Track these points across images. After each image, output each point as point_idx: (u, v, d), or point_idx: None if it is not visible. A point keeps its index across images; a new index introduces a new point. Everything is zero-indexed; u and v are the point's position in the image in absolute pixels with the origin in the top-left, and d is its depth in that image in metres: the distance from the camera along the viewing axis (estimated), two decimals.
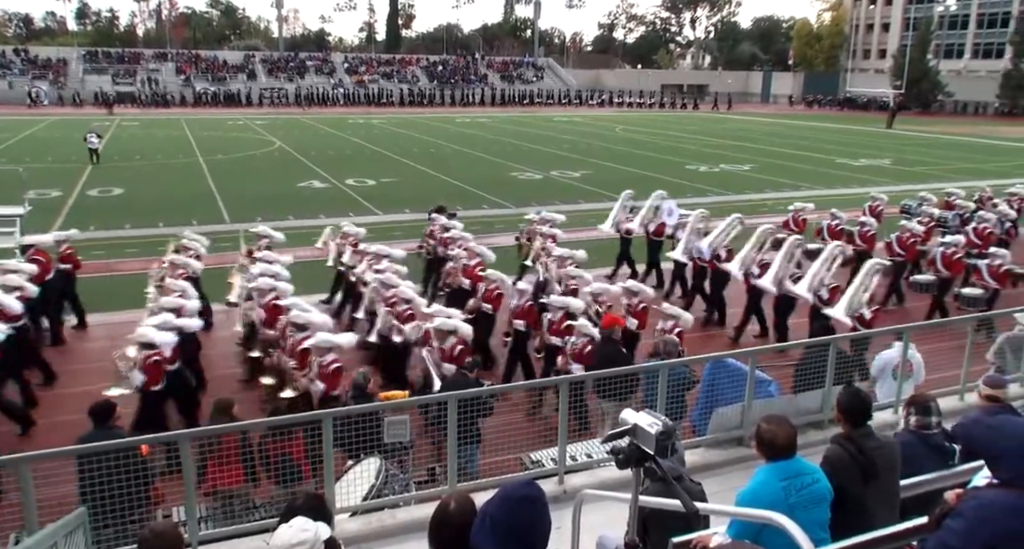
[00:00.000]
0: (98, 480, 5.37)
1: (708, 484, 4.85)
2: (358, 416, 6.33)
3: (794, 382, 7.91)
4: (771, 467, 4.06)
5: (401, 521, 6.10)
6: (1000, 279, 13.01)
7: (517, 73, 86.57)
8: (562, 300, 10.13)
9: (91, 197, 24.67)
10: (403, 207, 23.06)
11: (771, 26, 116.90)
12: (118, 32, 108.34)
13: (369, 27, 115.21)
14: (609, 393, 7.44)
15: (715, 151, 40.30)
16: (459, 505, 3.27)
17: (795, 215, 16.95)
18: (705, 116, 69.93)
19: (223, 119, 54.97)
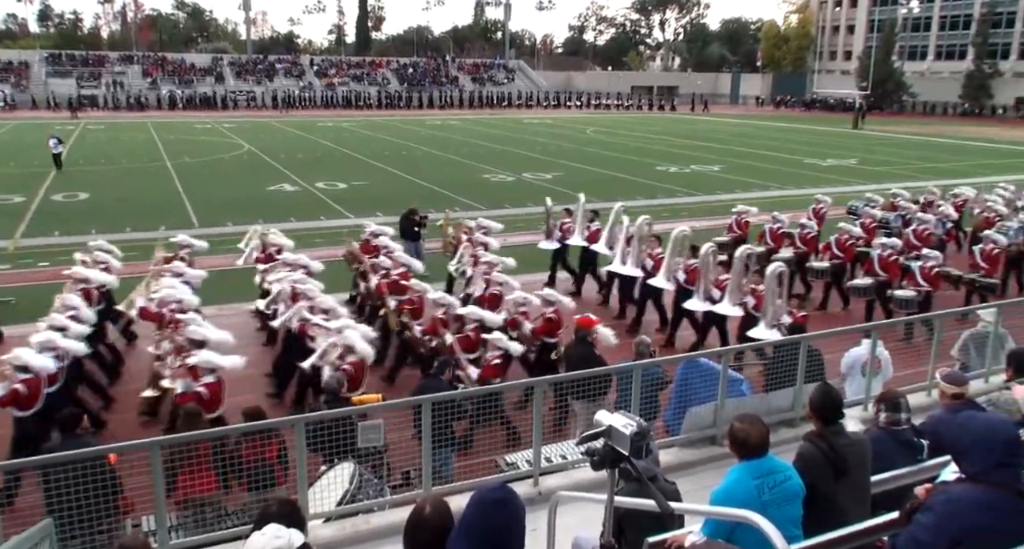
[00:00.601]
0: (65, 490, 5.27)
1: (682, 483, 4.87)
2: (331, 421, 6.28)
3: (765, 381, 7.99)
4: (744, 466, 4.09)
5: (375, 526, 6.06)
6: (932, 281, 12.86)
7: (488, 75, 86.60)
8: (477, 313, 9.87)
9: (55, 202, 24.25)
10: (375, 210, 22.93)
11: (739, 28, 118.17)
12: (82, 34, 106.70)
13: (339, 29, 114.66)
14: (583, 394, 7.46)
15: (685, 152, 40.63)
16: (434, 509, 3.26)
17: (738, 218, 16.77)
18: (675, 117, 70.50)
19: (190, 122, 54.35)
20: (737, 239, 16.21)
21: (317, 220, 21.97)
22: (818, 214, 17.64)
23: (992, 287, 13.71)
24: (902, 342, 11.01)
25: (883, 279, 13.45)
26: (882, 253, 13.70)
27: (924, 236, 15.76)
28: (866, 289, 13.79)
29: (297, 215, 22.44)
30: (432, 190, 26.92)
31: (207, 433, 6.72)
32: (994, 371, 8.71)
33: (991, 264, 14.17)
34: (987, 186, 21.71)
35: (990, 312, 9.19)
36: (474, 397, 7.54)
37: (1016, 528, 3.28)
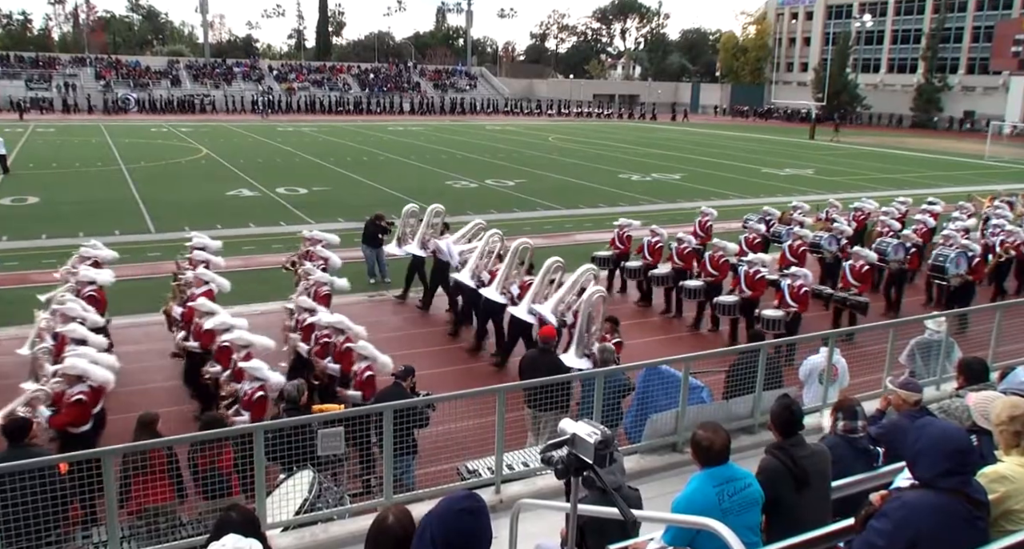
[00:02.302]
0: (11, 500, 5.11)
1: (644, 490, 4.91)
2: (291, 429, 6.20)
3: (725, 388, 8.08)
4: (705, 473, 4.13)
5: (335, 535, 5.99)
6: (801, 300, 12.28)
7: (450, 82, 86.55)
8: (246, 337, 8.83)
9: (3, 206, 23.60)
10: (336, 216, 22.74)
11: (698, 38, 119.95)
12: (31, 36, 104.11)
13: (298, 34, 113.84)
14: (546, 405, 7.47)
15: (647, 160, 41.02)
16: (397, 518, 3.23)
17: (620, 232, 15.94)
18: (635, 126, 71.19)
19: (145, 126, 53.39)
20: (619, 254, 15.83)
21: (277, 225, 21.70)
22: (703, 227, 17.31)
23: (863, 306, 13.16)
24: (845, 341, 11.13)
25: (748, 297, 12.91)
26: (748, 270, 13.15)
27: (799, 252, 15.18)
28: (695, 290, 13.84)
29: (256, 220, 22.14)
30: (395, 196, 26.77)
31: (161, 441, 6.58)
32: (944, 379, 8.93)
33: (861, 281, 13.69)
34: (919, 198, 21.92)
35: (937, 321, 9.42)
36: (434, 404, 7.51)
37: (968, 534, 3.36)
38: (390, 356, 8.84)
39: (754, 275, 13.04)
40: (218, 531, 3.55)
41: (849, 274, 13.83)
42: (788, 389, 8.15)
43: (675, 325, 14.51)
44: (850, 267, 13.90)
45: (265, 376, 8.03)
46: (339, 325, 9.24)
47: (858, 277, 13.75)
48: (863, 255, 13.98)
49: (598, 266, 15.49)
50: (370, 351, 8.43)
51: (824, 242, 15.87)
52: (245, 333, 8.77)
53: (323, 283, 11.35)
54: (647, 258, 15.25)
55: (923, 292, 15.92)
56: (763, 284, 13.08)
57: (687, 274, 14.63)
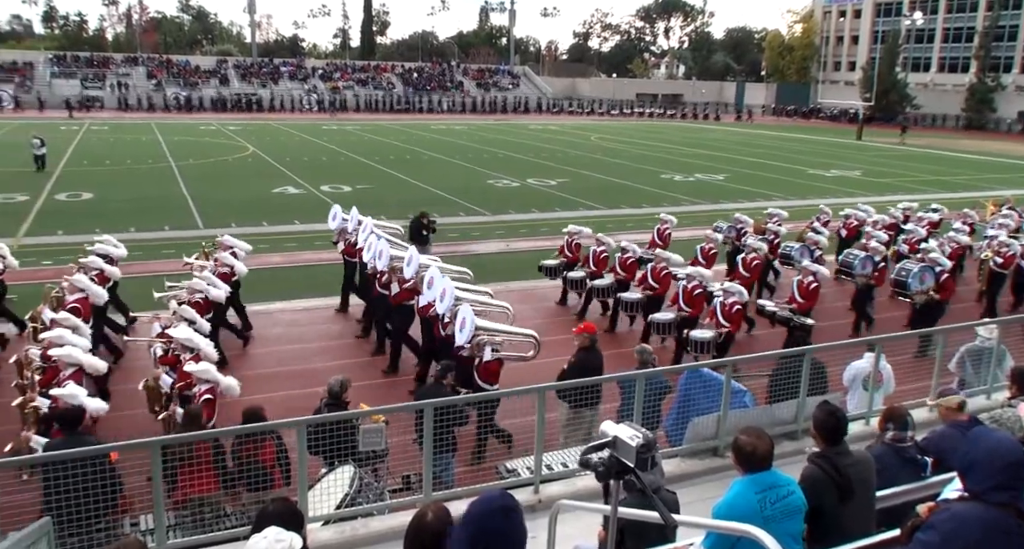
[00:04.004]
0: (64, 488, 5.26)
1: (683, 494, 4.86)
2: (333, 424, 6.28)
3: (768, 392, 7.97)
4: (747, 479, 4.07)
5: (375, 530, 6.04)
6: (733, 320, 11.28)
7: (493, 81, 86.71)
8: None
9: (59, 201, 24.28)
10: (379, 214, 22.90)
11: (743, 37, 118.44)
12: (87, 36, 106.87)
13: (343, 34, 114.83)
14: (582, 402, 7.47)
15: (691, 160, 40.66)
16: (436, 515, 3.26)
17: (569, 240, 15.18)
18: (680, 125, 70.56)
19: (195, 124, 54.47)
20: (568, 262, 15.03)
21: (321, 222, 21.93)
22: (662, 235, 16.45)
23: (806, 328, 12.05)
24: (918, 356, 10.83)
25: (687, 314, 11.95)
26: (687, 285, 12.20)
27: (752, 266, 13.95)
28: (632, 303, 12.96)
29: (301, 217, 22.45)
30: (437, 194, 26.95)
31: (206, 433, 6.73)
32: (995, 388, 8.70)
33: (807, 298, 12.54)
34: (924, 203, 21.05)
35: (988, 328, 9.17)
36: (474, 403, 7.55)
37: None
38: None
39: (692, 291, 12.04)
40: (260, 523, 3.60)
41: (796, 290, 12.62)
42: (832, 395, 8.02)
43: (616, 339, 13.24)
44: (798, 283, 12.74)
45: (214, 378, 7.91)
46: (187, 343, 8.65)
47: (805, 294, 12.53)
48: (812, 269, 12.80)
49: (546, 275, 15.28)
50: (211, 374, 7.91)
51: (795, 253, 14.81)
52: (76, 352, 8.30)
53: (198, 290, 10.98)
54: (592, 268, 14.40)
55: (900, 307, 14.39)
56: (702, 301, 12.09)
57: (629, 286, 13.69)
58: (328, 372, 10.33)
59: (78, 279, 10.86)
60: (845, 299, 14.93)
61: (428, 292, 10.57)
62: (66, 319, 9.21)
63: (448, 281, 10.45)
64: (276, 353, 12.28)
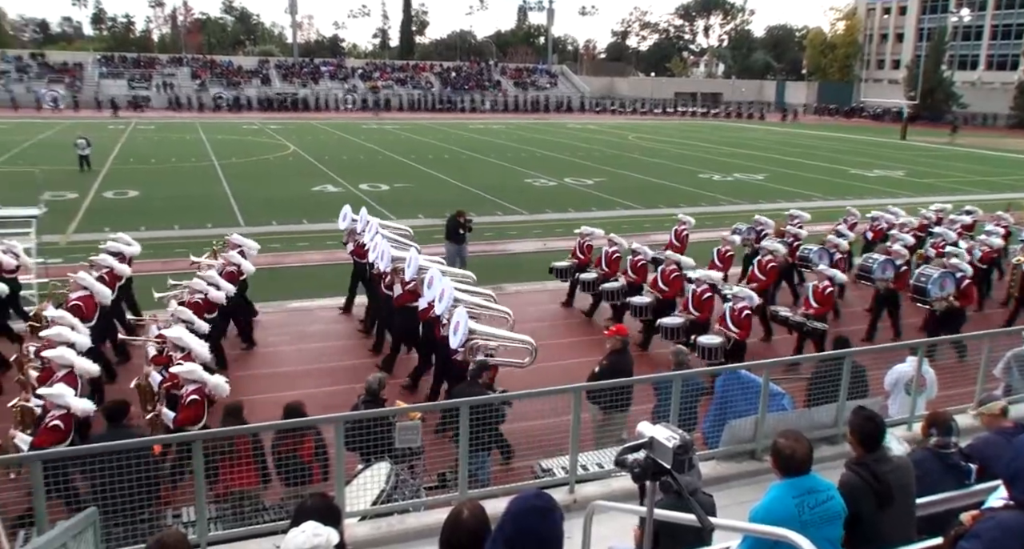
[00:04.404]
0: (109, 479, 5.39)
1: (719, 497, 4.83)
2: (369, 420, 6.35)
3: (807, 396, 7.87)
4: (785, 483, 4.02)
5: (411, 526, 6.10)
6: (743, 325, 10.91)
7: (531, 80, 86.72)
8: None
9: (106, 199, 24.85)
10: (417, 213, 23.11)
11: (784, 35, 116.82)
12: (134, 37, 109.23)
13: (383, 33, 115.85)
14: (613, 405, 7.44)
15: (729, 160, 40.24)
16: (472, 513, 3.28)
17: (581, 241, 15.04)
18: (719, 124, 69.88)
19: (238, 123, 55.33)
20: (579, 264, 14.81)
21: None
22: (679, 237, 15.97)
23: (819, 333, 11.72)
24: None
25: (695, 318, 11.66)
26: (696, 289, 11.84)
27: (767, 269, 13.46)
28: (642, 308, 12.55)
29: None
30: (474, 193, 27.04)
31: (246, 428, 6.84)
32: None
33: (822, 304, 12.07)
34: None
35: None
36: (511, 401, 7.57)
37: None
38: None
39: (701, 295, 11.71)
40: (298, 517, 3.66)
41: (811, 295, 12.20)
42: (873, 399, 7.89)
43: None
44: (813, 287, 12.30)
45: (201, 378, 7.87)
46: (178, 342, 8.69)
47: (820, 298, 12.07)
48: (827, 274, 12.41)
49: (556, 277, 15.12)
50: (197, 374, 7.87)
51: (813, 256, 14.36)
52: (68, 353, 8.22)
53: (198, 290, 10.97)
54: (604, 270, 14.14)
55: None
56: (711, 305, 11.82)
57: (641, 289, 13.38)
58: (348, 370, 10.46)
59: (81, 277, 10.78)
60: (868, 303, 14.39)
61: (428, 292, 10.54)
62: (62, 317, 9.18)
63: (448, 282, 10.39)
64: (316, 349, 12.43)
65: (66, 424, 7.12)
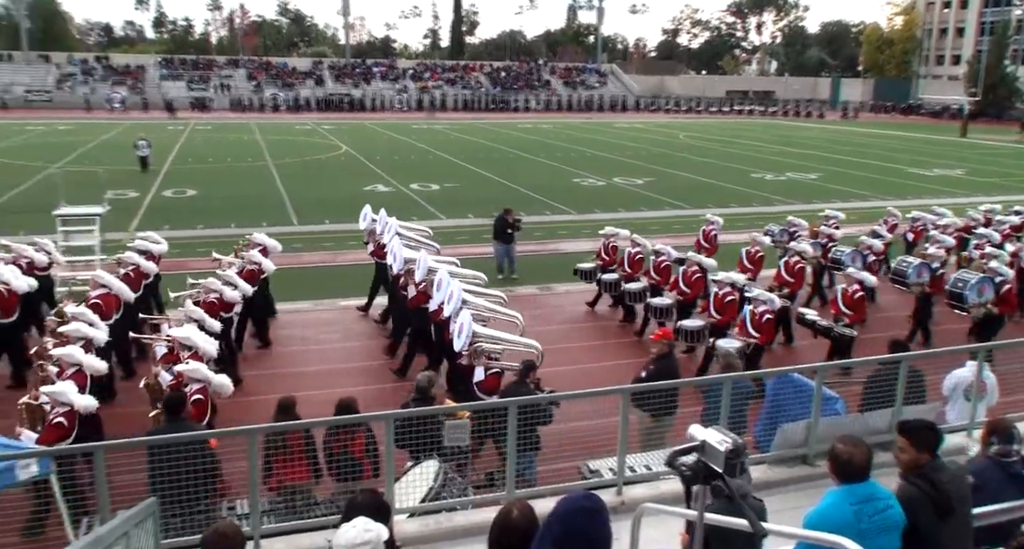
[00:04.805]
0: (168, 470, 5.54)
1: (770, 502, 4.75)
2: (419, 418, 6.42)
3: (862, 400, 7.71)
4: (843, 490, 3.94)
5: (458, 524, 6.14)
6: (763, 329, 10.58)
7: (580, 79, 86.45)
8: None
9: (166, 198, 25.54)
10: (466, 212, 23.24)
11: (840, 31, 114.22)
12: (193, 40, 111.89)
13: (433, 34, 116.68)
14: (662, 410, 7.36)
15: (782, 159, 39.57)
16: (521, 513, 3.30)
17: (605, 242, 14.84)
18: (771, 123, 68.72)
19: (291, 124, 56.30)
20: (603, 266, 14.56)
21: (409, 220, 22.36)
22: (708, 238, 15.70)
23: (847, 340, 11.16)
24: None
25: (716, 321, 11.29)
26: (718, 291, 11.48)
27: (795, 270, 13.06)
28: (663, 309, 12.16)
29: (390, 215, 22.85)
30: (523, 193, 27.08)
31: (300, 423, 6.98)
32: None
33: (853, 309, 11.52)
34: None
35: None
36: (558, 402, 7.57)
37: None
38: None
39: (724, 297, 11.40)
40: (349, 513, 3.72)
41: (840, 299, 11.72)
42: (932, 405, 7.69)
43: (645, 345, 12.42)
44: (842, 292, 11.82)
45: (205, 377, 7.88)
46: (186, 342, 8.73)
47: (849, 303, 11.56)
48: (857, 277, 11.90)
49: (581, 278, 14.90)
50: (201, 374, 7.89)
51: (845, 258, 13.82)
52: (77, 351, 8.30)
53: (212, 290, 10.93)
54: (626, 271, 13.94)
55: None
56: (734, 308, 11.45)
57: (663, 290, 13.12)
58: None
59: (100, 275, 10.85)
60: (908, 307, 13.71)
61: (437, 294, 10.52)
62: (82, 314, 9.33)
63: (457, 283, 10.35)
64: (364, 348, 12.59)
65: (69, 421, 7.20)
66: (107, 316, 10.11)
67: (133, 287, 11.32)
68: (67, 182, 19.40)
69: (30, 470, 5.76)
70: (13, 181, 27.21)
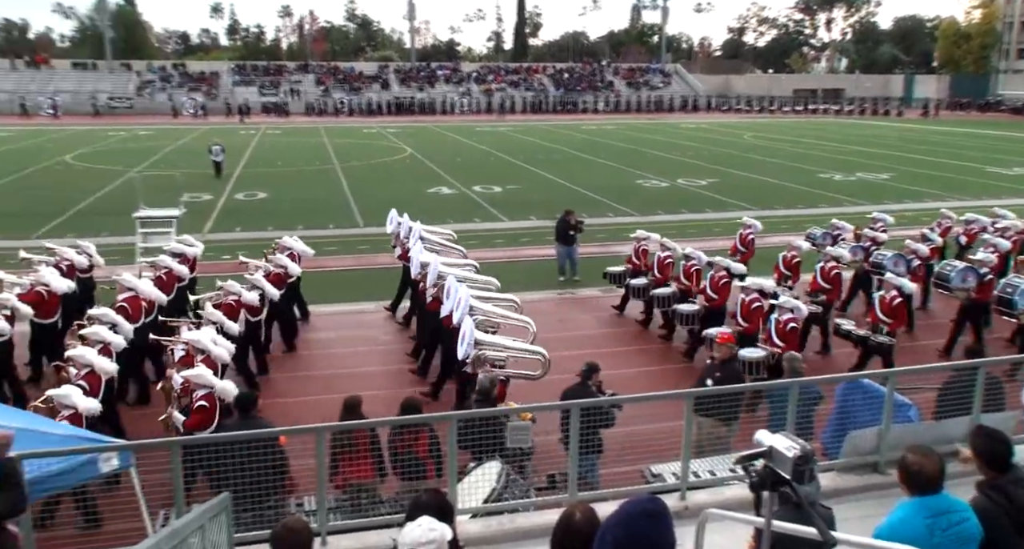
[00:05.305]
0: (240, 466, 5.72)
1: (839, 510, 4.64)
2: (481, 420, 6.47)
3: (936, 407, 7.46)
4: (915, 502, 3.82)
5: (521, 526, 6.16)
6: (788, 339, 10.18)
7: (644, 80, 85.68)
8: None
9: (238, 200, 26.30)
10: (528, 214, 23.30)
11: (914, 26, 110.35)
12: (264, 46, 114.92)
13: (497, 37, 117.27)
14: (729, 416, 7.26)
15: (852, 158, 38.49)
16: (584, 516, 3.30)
17: (636, 246, 14.50)
18: (841, 122, 66.91)
19: (358, 127, 57.29)
20: (634, 270, 14.25)
21: (472, 222, 22.58)
22: (744, 242, 15.22)
23: (885, 349, 10.66)
24: None
25: (742, 330, 10.89)
26: (744, 298, 11.13)
27: (831, 276, 12.57)
28: (689, 316, 11.76)
29: (454, 217, 23.14)
30: (585, 195, 27.00)
31: (366, 423, 7.11)
32: None
33: (892, 317, 10.96)
34: None
35: None
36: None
37: None
38: (579, 353, 8.81)
39: (751, 304, 11.01)
40: (413, 512, 3.77)
41: (878, 307, 11.13)
42: (1010, 413, 7.40)
43: (673, 352, 12.58)
44: (879, 298, 11.23)
45: (209, 382, 7.87)
46: (197, 344, 8.74)
47: (887, 311, 10.98)
48: (895, 283, 11.29)
49: (610, 282, 14.64)
50: (205, 379, 7.88)
51: (887, 262, 13.14)
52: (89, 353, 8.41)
53: (232, 293, 10.95)
54: (656, 275, 13.58)
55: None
56: (760, 315, 11.03)
57: (691, 296, 12.78)
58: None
59: (126, 278, 10.93)
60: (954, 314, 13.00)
61: (447, 301, 10.43)
62: (105, 315, 9.50)
63: (464, 290, 10.25)
64: None
65: (74, 424, 7.24)
66: (134, 319, 10.25)
67: (166, 290, 11.44)
68: (146, 186, 20.15)
69: (111, 463, 6.02)
70: (97, 184, 28.44)
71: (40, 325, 10.83)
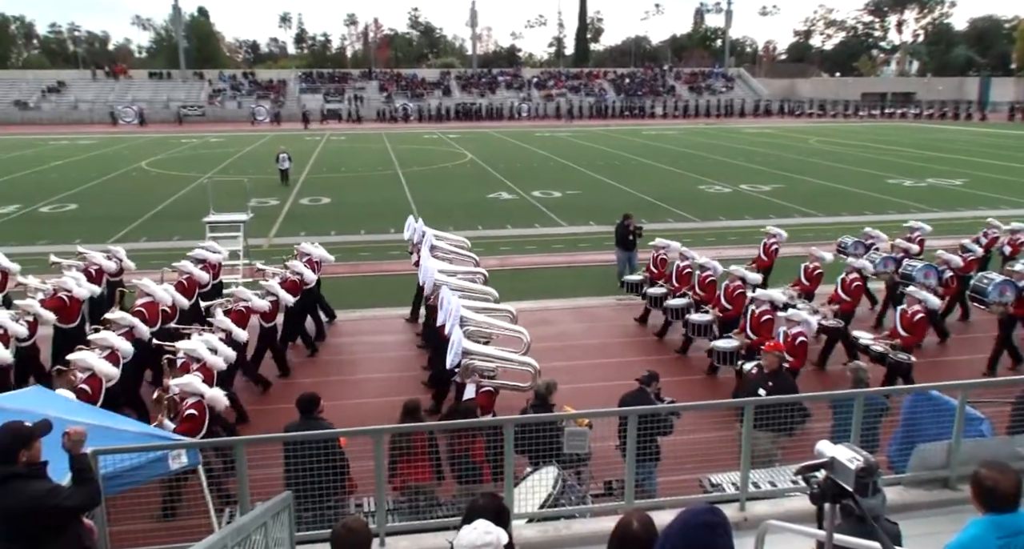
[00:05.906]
0: (302, 466, 5.84)
1: (906, 526, 4.51)
2: (538, 424, 6.47)
3: (1010, 422, 7.18)
4: (988, 520, 3.65)
5: (577, 532, 6.14)
6: (797, 353, 9.81)
7: (706, 84, 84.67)
8: None
9: (303, 205, 26.89)
10: (587, 219, 23.23)
11: (990, 27, 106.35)
12: (330, 54, 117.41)
13: (558, 42, 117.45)
14: (775, 426, 7.09)
15: (922, 164, 37.32)
16: (642, 524, 3.28)
17: (655, 255, 14.38)
18: (912, 127, 64.94)
19: (420, 133, 58.00)
20: (653, 278, 14.02)
21: (532, 227, 22.62)
22: (768, 251, 14.70)
23: (903, 368, 10.14)
24: None
25: (751, 342, 10.52)
26: (754, 310, 10.72)
27: (852, 288, 12.22)
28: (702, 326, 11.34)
29: (513, 222, 23.23)
30: (645, 200, 26.78)
31: (425, 425, 7.19)
32: None
33: (911, 332, 10.53)
34: None
35: None
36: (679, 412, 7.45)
37: None
38: (630, 360, 8.74)
39: (761, 316, 10.63)
40: (470, 515, 3.80)
41: (898, 321, 10.72)
42: None
43: (688, 364, 12.17)
44: (901, 312, 10.77)
45: (198, 390, 7.87)
46: (192, 353, 8.76)
47: (907, 325, 10.54)
48: (918, 297, 10.83)
49: (627, 291, 14.35)
50: (194, 387, 7.87)
51: (917, 274, 12.64)
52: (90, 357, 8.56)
53: (242, 299, 11.02)
54: (673, 285, 13.33)
55: None
56: (770, 327, 10.61)
57: (707, 307, 12.41)
58: None
59: (144, 284, 10.99)
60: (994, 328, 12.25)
61: (441, 312, 10.33)
62: (123, 318, 9.63)
63: (456, 300, 10.15)
64: None
65: None
66: (151, 323, 10.37)
67: (187, 296, 11.58)
68: (216, 191, 20.76)
69: (181, 461, 6.21)
70: (170, 190, 29.45)
71: (62, 330, 10.95)
